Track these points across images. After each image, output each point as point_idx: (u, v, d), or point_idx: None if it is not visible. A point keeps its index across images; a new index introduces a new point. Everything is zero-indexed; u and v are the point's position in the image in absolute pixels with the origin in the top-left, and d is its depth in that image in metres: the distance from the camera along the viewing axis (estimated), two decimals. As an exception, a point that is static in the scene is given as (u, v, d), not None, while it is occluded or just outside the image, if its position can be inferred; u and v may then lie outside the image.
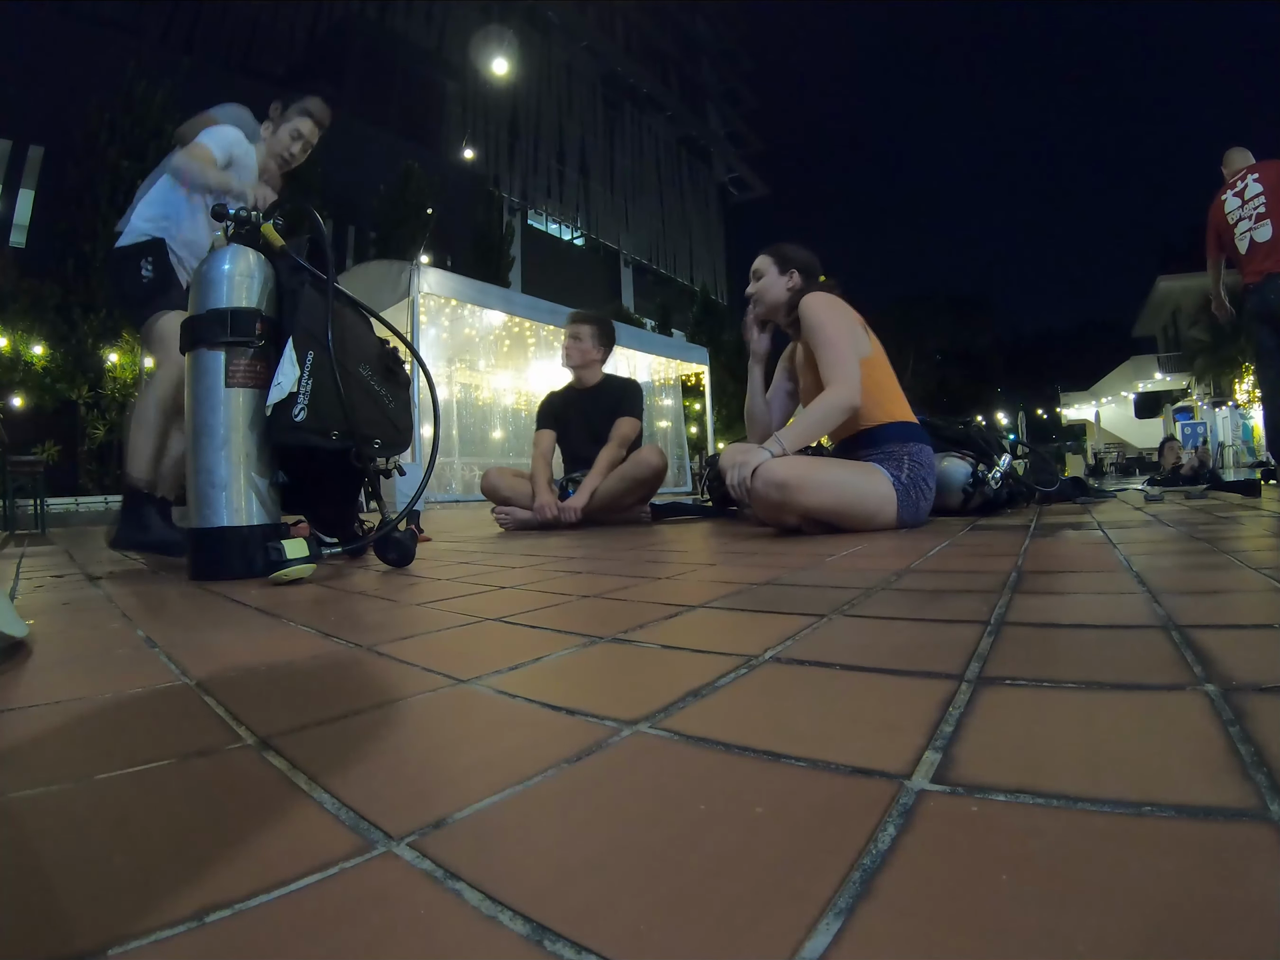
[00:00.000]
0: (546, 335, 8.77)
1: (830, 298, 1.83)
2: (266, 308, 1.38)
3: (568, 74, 29.13)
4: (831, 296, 1.84)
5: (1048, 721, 0.39)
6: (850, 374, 1.73)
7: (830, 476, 1.65)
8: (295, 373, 1.29)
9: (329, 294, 1.37)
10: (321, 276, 1.40)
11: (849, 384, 1.72)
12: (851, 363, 1.75)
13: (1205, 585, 0.77)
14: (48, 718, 0.49)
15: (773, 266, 1.97)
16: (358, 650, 0.66)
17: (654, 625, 0.70)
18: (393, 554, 1.39)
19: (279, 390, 1.28)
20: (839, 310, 1.81)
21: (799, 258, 1.97)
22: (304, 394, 1.29)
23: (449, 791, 0.34)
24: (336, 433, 1.35)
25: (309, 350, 1.31)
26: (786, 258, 1.97)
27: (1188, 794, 0.29)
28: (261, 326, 1.35)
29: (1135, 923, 0.21)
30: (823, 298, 1.82)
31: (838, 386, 1.72)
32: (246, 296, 1.36)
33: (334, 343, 1.34)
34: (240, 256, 1.38)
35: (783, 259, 1.97)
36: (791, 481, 1.59)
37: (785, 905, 0.23)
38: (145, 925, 0.24)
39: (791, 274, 1.96)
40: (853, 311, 1.84)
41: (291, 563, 1.18)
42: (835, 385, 1.73)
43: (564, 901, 0.24)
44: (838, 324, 1.78)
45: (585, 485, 2.54)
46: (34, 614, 0.94)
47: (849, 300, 1.88)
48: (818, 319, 1.78)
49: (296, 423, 1.29)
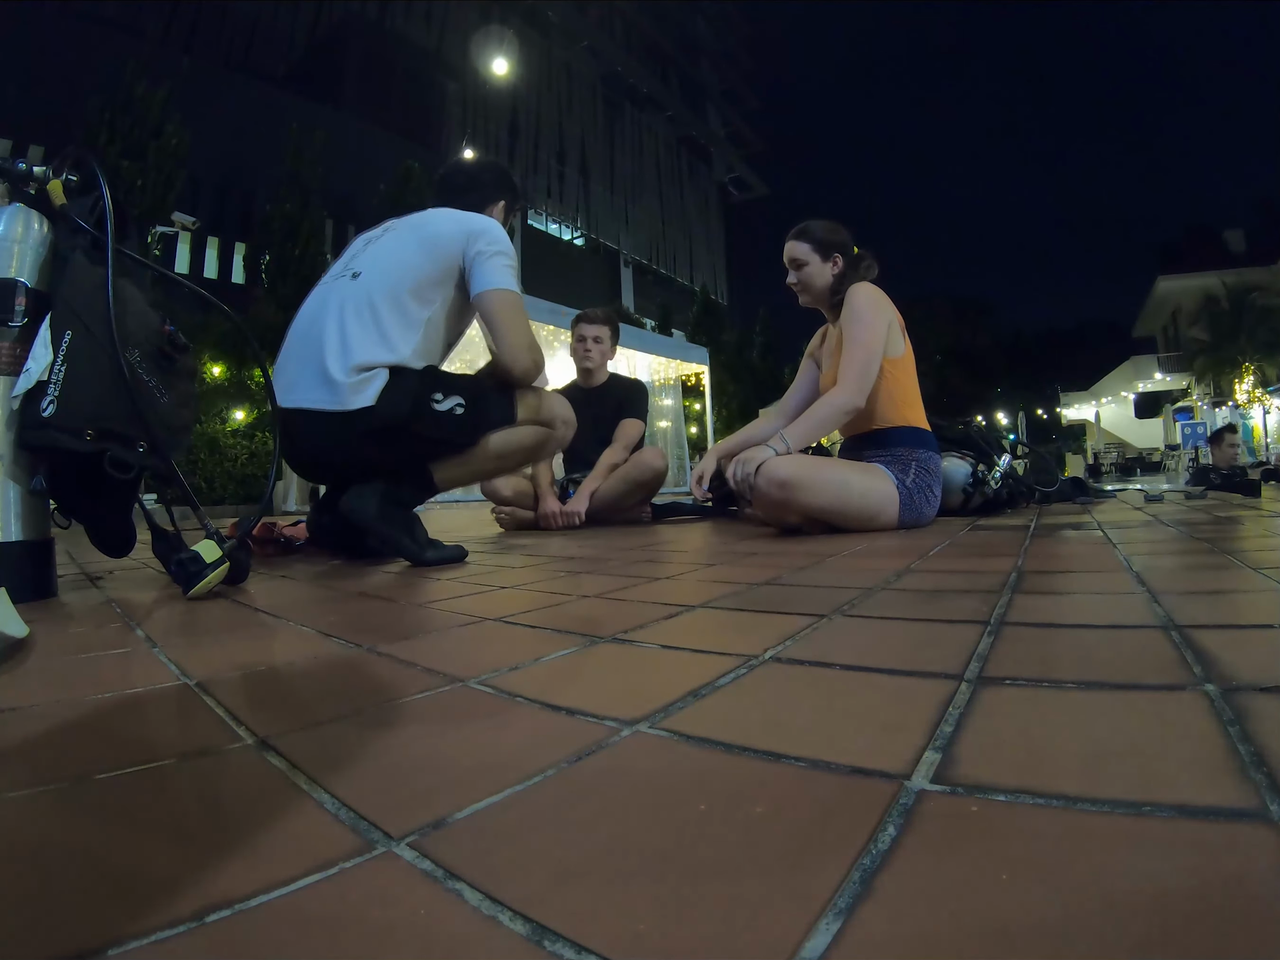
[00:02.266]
0: (546, 335, 8.77)
1: (879, 293, 1.82)
2: (40, 280, 1.17)
3: (568, 74, 29.12)
4: (879, 292, 1.83)
5: (1048, 721, 0.39)
6: (863, 379, 1.73)
7: (833, 476, 1.65)
8: (48, 357, 1.07)
9: (107, 261, 1.13)
10: (101, 238, 1.15)
11: (857, 388, 1.72)
12: (869, 369, 1.74)
13: (1205, 585, 0.77)
14: (48, 718, 0.49)
15: (814, 254, 1.92)
16: (358, 650, 0.66)
17: (654, 625, 0.70)
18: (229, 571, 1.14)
19: (27, 378, 1.06)
20: (881, 310, 1.80)
21: (837, 240, 1.93)
22: (55, 383, 1.06)
23: (449, 791, 0.34)
24: (91, 432, 1.10)
25: (66, 329, 1.09)
26: (826, 242, 1.92)
27: (1188, 794, 0.29)
28: (25, 301, 1.14)
29: (1135, 923, 0.21)
30: (872, 294, 1.81)
31: (845, 387, 1.72)
32: (16, 267, 1.15)
33: (98, 320, 1.10)
34: (12, 219, 1.16)
35: (822, 245, 1.92)
36: (794, 480, 1.59)
37: (785, 905, 0.23)
38: (145, 925, 0.24)
39: (835, 259, 1.92)
40: (893, 310, 1.83)
41: (212, 568, 1.06)
42: (842, 386, 1.73)
43: (564, 901, 0.24)
44: (876, 326, 1.77)
45: (585, 487, 2.54)
46: (34, 613, 0.94)
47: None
48: (859, 315, 1.77)
49: (44, 418, 1.05)
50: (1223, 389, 19.38)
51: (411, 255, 1.54)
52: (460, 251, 1.52)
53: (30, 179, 1.19)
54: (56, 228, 1.20)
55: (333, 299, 1.52)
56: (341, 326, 1.47)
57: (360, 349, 1.44)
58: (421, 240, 1.56)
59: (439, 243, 1.54)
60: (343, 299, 1.50)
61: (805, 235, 1.93)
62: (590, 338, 2.78)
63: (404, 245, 1.57)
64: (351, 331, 1.46)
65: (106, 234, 1.15)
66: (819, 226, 1.94)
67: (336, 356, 1.44)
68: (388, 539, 1.42)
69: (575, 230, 29.13)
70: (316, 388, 1.45)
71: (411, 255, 1.54)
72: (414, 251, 1.55)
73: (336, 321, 1.48)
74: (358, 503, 1.42)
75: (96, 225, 1.18)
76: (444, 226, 1.57)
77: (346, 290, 1.52)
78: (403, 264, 1.53)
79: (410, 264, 1.53)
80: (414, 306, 1.50)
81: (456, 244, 1.53)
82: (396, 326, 1.48)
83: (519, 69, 25.00)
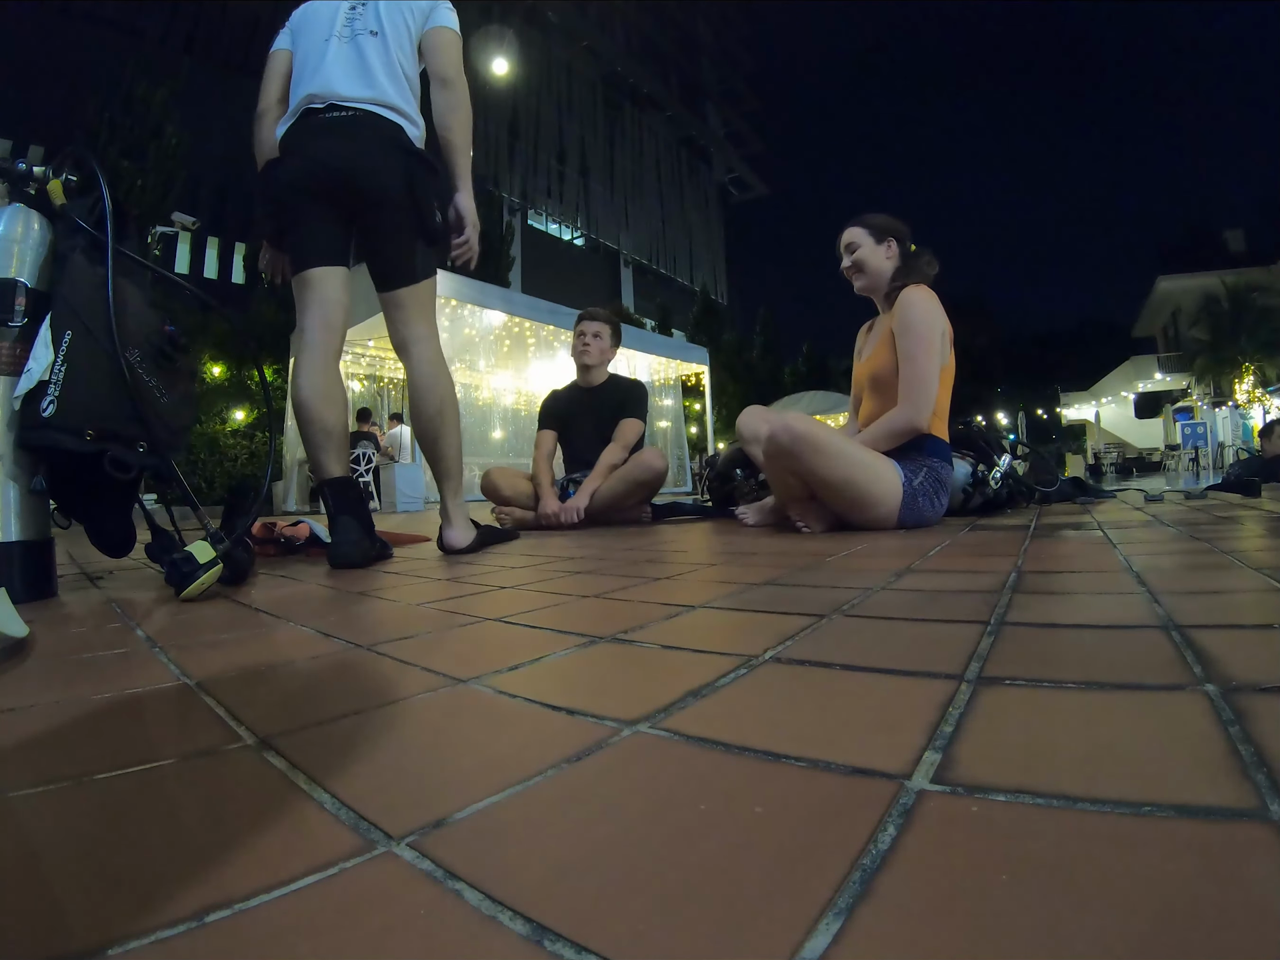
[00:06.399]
0: (546, 335, 8.78)
1: (934, 301, 1.80)
2: (40, 280, 1.17)
3: (568, 74, 29.12)
4: (934, 299, 1.80)
5: (1048, 721, 0.39)
6: (927, 395, 1.72)
7: (846, 449, 1.64)
8: (49, 357, 1.08)
9: (108, 262, 1.14)
10: (101, 238, 1.16)
11: (917, 410, 1.71)
12: (931, 383, 1.73)
13: (1205, 585, 0.77)
14: (48, 718, 0.49)
15: (868, 237, 1.91)
16: (358, 650, 0.66)
17: (654, 625, 0.70)
18: (225, 572, 1.14)
19: (29, 378, 1.07)
20: (937, 319, 1.78)
21: (892, 226, 1.92)
22: (55, 383, 1.07)
23: (449, 791, 0.34)
24: (91, 433, 1.11)
25: (66, 330, 1.10)
26: (880, 227, 1.91)
27: (1188, 794, 0.29)
28: (25, 301, 1.14)
29: (1135, 923, 0.21)
30: (928, 299, 1.79)
31: (906, 407, 1.72)
32: (16, 267, 1.15)
33: (98, 320, 1.11)
34: (12, 219, 1.16)
35: (876, 229, 1.91)
36: (808, 437, 1.58)
37: (785, 905, 0.23)
38: (145, 925, 0.24)
39: (889, 243, 1.91)
40: (944, 320, 1.82)
41: (205, 569, 1.05)
42: (905, 405, 1.73)
43: (564, 901, 0.24)
44: (933, 336, 1.75)
45: (585, 486, 2.54)
46: (34, 613, 0.94)
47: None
48: (916, 321, 1.75)
49: (44, 419, 1.06)
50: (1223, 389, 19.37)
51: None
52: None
53: (30, 179, 1.19)
54: (56, 228, 1.20)
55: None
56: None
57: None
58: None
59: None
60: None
61: (859, 221, 1.94)
62: (590, 334, 2.78)
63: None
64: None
65: (106, 234, 1.16)
66: (874, 215, 1.95)
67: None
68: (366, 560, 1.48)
69: (575, 230, 29.13)
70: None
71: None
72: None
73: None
74: (348, 552, 1.44)
75: (96, 225, 1.18)
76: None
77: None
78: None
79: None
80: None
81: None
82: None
83: (519, 69, 25.01)
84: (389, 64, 1.56)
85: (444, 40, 1.61)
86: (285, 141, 1.55)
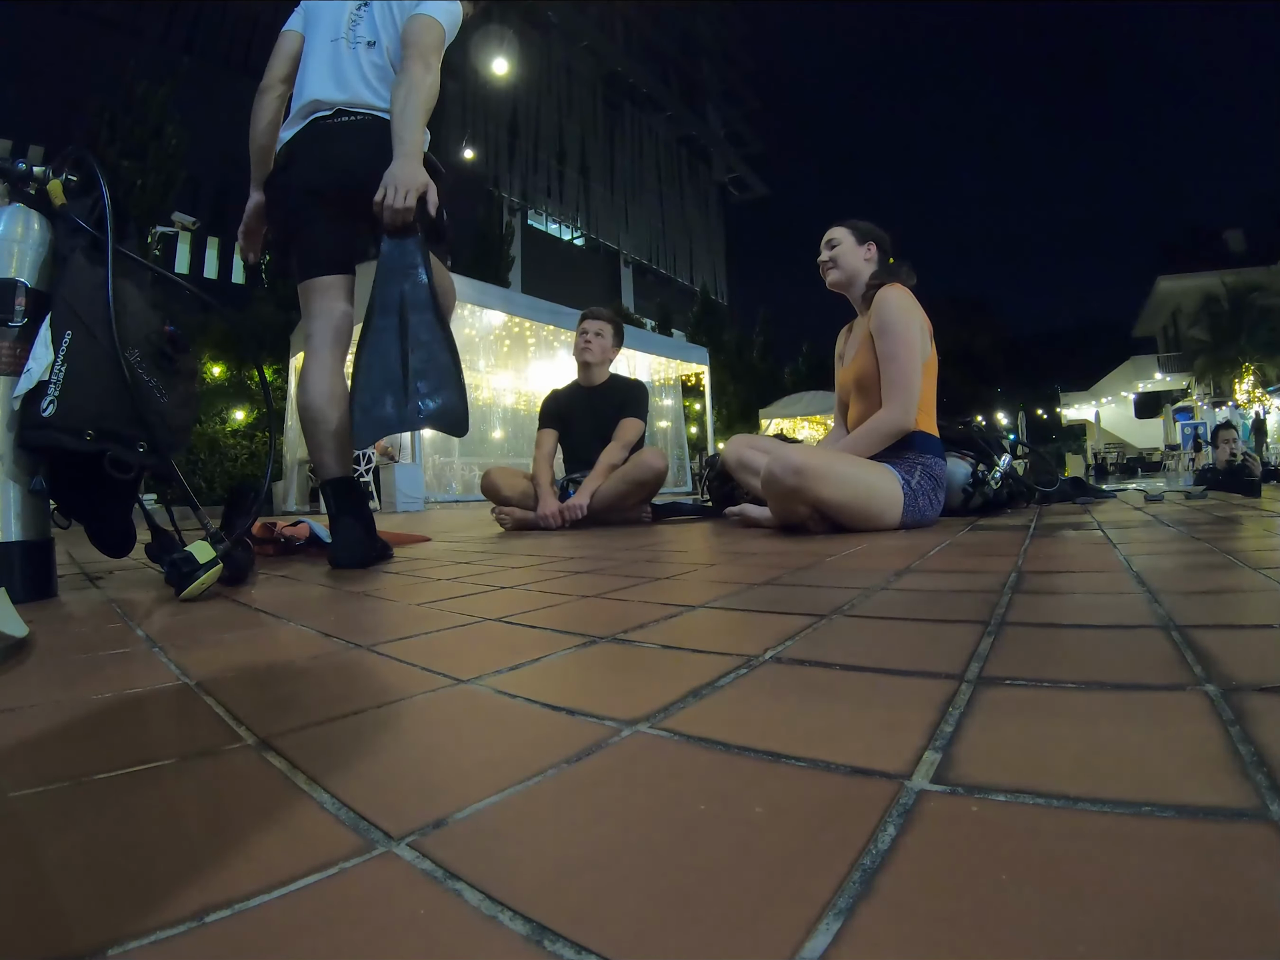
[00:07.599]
0: (546, 335, 8.79)
1: (909, 299, 1.82)
2: (40, 280, 1.17)
3: (568, 74, 29.11)
4: (910, 297, 1.83)
5: (1048, 721, 0.39)
6: (910, 395, 1.74)
7: (846, 470, 1.66)
8: (49, 357, 1.08)
9: (108, 262, 1.14)
10: (101, 238, 1.17)
11: (903, 409, 1.74)
12: (914, 381, 1.75)
13: (1205, 585, 0.77)
14: (48, 718, 0.49)
15: (849, 236, 1.97)
16: (358, 650, 0.66)
17: (654, 625, 0.70)
18: (225, 572, 1.13)
19: (28, 378, 1.07)
20: (914, 315, 1.81)
21: (875, 232, 1.98)
22: (55, 383, 1.07)
23: (449, 791, 0.34)
24: (91, 432, 1.11)
25: (66, 330, 1.10)
26: (862, 229, 1.98)
27: (1188, 794, 0.29)
28: (25, 301, 1.14)
29: (1135, 923, 0.21)
30: (903, 297, 1.81)
31: (893, 408, 1.74)
32: (16, 267, 1.15)
33: (98, 321, 1.11)
34: (12, 219, 1.16)
35: (859, 231, 1.97)
36: (809, 468, 1.59)
37: (785, 905, 0.23)
38: (145, 925, 0.24)
39: (869, 245, 1.96)
40: (921, 314, 1.84)
41: (205, 569, 1.05)
42: (891, 406, 1.75)
43: (564, 901, 0.24)
44: (911, 334, 1.77)
45: (586, 486, 2.54)
46: (34, 613, 0.94)
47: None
48: (893, 321, 1.78)
49: (44, 419, 1.06)
50: (1223, 389, 19.38)
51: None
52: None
53: (30, 179, 1.19)
54: (56, 228, 1.20)
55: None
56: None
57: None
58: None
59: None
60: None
61: (844, 222, 2.01)
62: (593, 332, 2.79)
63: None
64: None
65: (106, 234, 1.16)
66: (860, 220, 2.01)
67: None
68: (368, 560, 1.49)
69: (575, 230, 29.13)
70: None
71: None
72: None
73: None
74: (349, 552, 1.45)
75: (96, 225, 1.18)
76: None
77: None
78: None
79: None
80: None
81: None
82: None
83: (519, 69, 25.00)
84: (382, 70, 1.57)
85: (414, 26, 1.56)
86: (293, 148, 1.56)
